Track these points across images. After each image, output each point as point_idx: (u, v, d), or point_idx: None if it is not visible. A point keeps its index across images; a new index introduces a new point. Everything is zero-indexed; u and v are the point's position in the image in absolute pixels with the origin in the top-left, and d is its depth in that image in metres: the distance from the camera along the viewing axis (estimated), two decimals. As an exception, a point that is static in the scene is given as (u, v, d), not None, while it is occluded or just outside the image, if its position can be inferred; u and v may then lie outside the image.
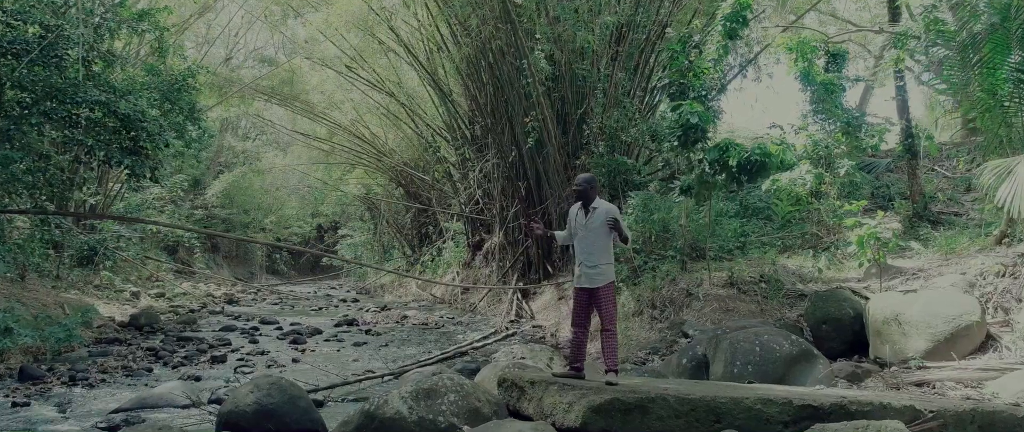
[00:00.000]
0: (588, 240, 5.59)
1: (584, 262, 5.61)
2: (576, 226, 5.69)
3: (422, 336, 12.37)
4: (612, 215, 5.58)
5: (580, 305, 5.71)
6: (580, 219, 5.68)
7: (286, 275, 34.75)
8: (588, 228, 5.61)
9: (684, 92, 9.40)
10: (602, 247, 5.58)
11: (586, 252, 5.60)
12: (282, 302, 19.43)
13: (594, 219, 5.60)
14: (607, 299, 5.56)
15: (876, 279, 8.69)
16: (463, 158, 19.14)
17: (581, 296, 5.69)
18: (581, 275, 5.67)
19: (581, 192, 5.72)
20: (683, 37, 9.93)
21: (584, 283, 5.64)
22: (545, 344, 11.52)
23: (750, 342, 6.23)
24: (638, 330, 9.09)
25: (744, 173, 8.40)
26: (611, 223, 5.51)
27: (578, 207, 5.75)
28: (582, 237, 5.63)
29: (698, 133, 8.70)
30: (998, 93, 7.92)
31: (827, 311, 7.80)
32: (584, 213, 5.67)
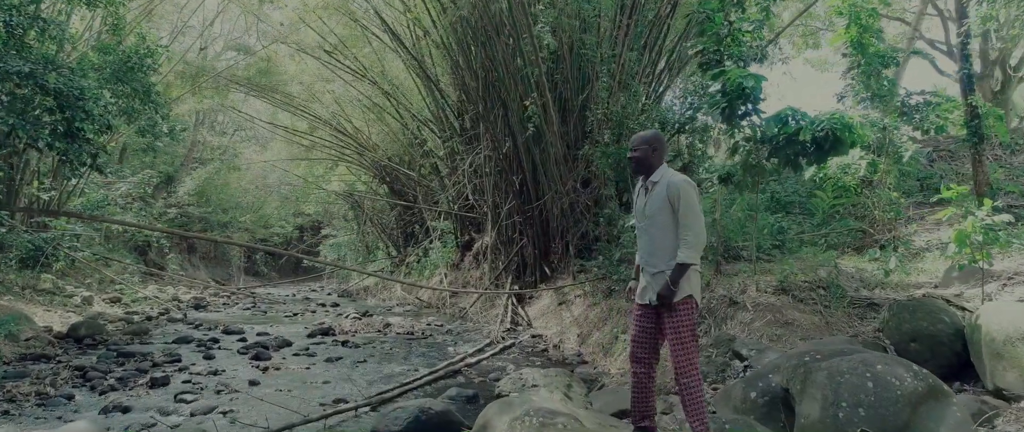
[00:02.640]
0: (649, 232, 3.75)
1: (646, 265, 3.77)
2: (635, 214, 3.89)
3: (407, 348, 10.49)
4: (676, 191, 3.71)
5: (641, 330, 3.86)
6: (638, 203, 3.86)
7: (266, 276, 32.64)
8: (647, 215, 3.76)
9: (719, 62, 7.62)
10: (668, 244, 3.72)
11: (648, 250, 3.76)
12: (255, 306, 17.43)
13: (653, 199, 3.75)
14: (682, 324, 3.70)
15: (960, 285, 6.95)
16: (451, 151, 17.26)
17: (642, 316, 3.83)
18: (643, 285, 3.80)
19: (638, 160, 3.83)
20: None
21: (648, 296, 3.77)
22: (547, 357, 9.73)
23: (858, 374, 4.41)
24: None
25: (817, 151, 6.61)
26: (677, 206, 3.66)
27: (639, 184, 3.89)
28: (643, 227, 3.78)
29: (750, 103, 6.90)
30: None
31: (917, 326, 6.02)
32: (644, 191, 3.82)
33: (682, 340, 3.69)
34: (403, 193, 22.36)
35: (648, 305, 3.84)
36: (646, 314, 3.89)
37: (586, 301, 11.69)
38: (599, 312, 10.71)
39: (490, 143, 14.65)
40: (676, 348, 3.71)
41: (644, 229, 3.84)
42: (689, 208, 3.68)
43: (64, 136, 9.26)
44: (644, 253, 3.84)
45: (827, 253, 8.04)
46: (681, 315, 3.72)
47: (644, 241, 3.83)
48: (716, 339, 6.80)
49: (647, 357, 3.95)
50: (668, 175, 3.84)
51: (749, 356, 6.14)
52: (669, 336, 3.75)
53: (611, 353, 8.93)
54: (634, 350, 3.99)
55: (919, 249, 7.98)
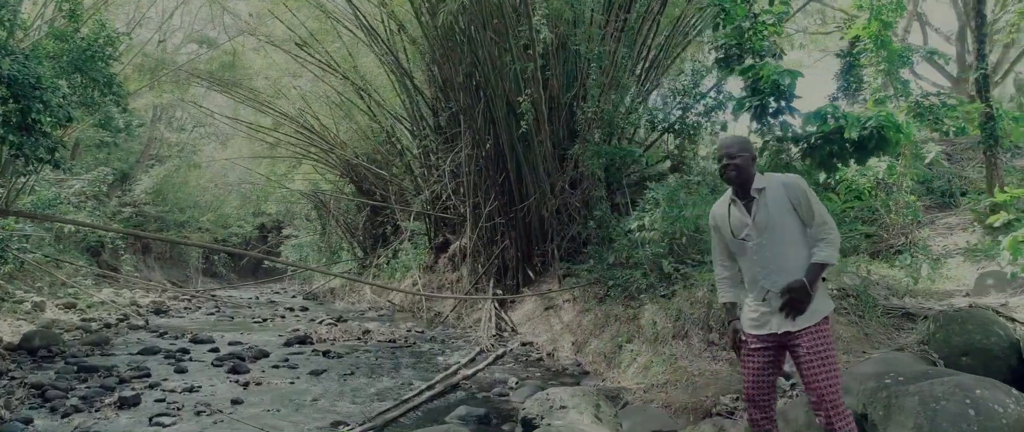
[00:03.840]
0: (770, 248, 3.14)
1: (773, 286, 3.15)
2: (735, 233, 3.24)
3: (394, 358, 9.75)
4: (798, 190, 3.16)
5: (761, 368, 3.25)
6: (739, 218, 3.23)
7: (225, 278, 31.27)
8: (762, 228, 3.15)
9: (740, 57, 7.12)
10: (797, 253, 3.13)
11: (772, 268, 3.15)
12: (220, 311, 16.39)
13: (770, 208, 3.15)
14: (825, 347, 3.11)
15: (997, 294, 6.57)
16: (427, 150, 16.50)
17: (762, 351, 3.24)
18: (760, 313, 3.20)
19: (740, 169, 3.20)
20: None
21: (771, 325, 3.17)
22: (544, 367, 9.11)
23: (956, 401, 3.89)
24: (693, 360, 6.72)
25: (859, 150, 6.14)
26: (802, 203, 3.12)
27: (727, 203, 3.31)
28: (757, 245, 3.18)
29: (785, 100, 6.40)
30: None
31: (969, 339, 5.57)
32: (745, 209, 3.22)
33: (827, 366, 3.10)
34: (372, 192, 21.49)
35: (767, 336, 3.24)
36: (766, 348, 3.29)
37: (576, 306, 11.10)
38: (594, 318, 10.13)
39: (471, 142, 13.96)
40: (821, 377, 3.10)
41: (760, 247, 3.20)
42: (818, 203, 3.15)
43: (18, 128, 8.28)
44: (764, 274, 3.20)
45: (848, 259, 7.59)
46: (823, 336, 3.15)
47: (760, 260, 3.21)
48: (750, 352, 6.27)
49: (768, 400, 3.35)
50: (773, 178, 3.28)
51: (792, 373, 5.62)
52: (809, 363, 3.14)
53: (615, 363, 8.36)
54: (753, 394, 3.35)
55: (939, 255, 7.61)
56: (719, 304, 3.53)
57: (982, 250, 7.45)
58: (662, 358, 7.03)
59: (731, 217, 3.30)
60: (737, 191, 3.29)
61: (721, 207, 3.40)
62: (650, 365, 7.12)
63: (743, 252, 3.29)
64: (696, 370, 6.37)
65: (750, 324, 3.32)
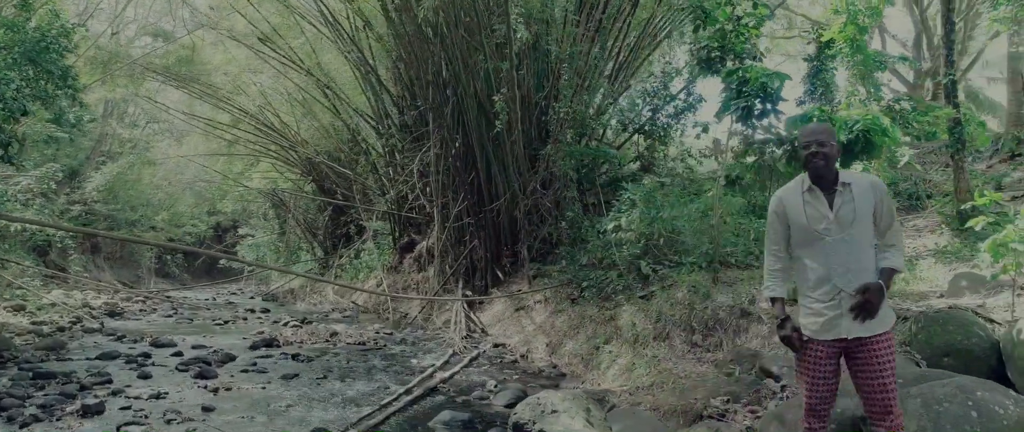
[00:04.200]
0: (849, 246, 3.01)
1: (848, 286, 3.01)
2: (812, 224, 3.09)
3: (366, 361, 9.52)
4: (884, 192, 3.06)
5: (827, 376, 3.11)
6: (817, 210, 3.08)
7: (179, 279, 30.36)
8: (845, 223, 3.02)
9: (722, 59, 7.11)
10: (869, 255, 3.03)
11: (848, 266, 3.01)
12: (177, 313, 15.85)
13: (854, 206, 3.02)
14: (890, 358, 3.02)
15: (971, 295, 6.69)
16: (392, 149, 16.22)
17: (828, 358, 3.10)
18: (835, 317, 3.04)
19: (829, 158, 3.06)
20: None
21: (841, 329, 3.03)
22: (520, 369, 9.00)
23: (958, 403, 3.91)
24: (678, 361, 6.69)
25: (845, 154, 6.17)
26: (886, 212, 3.04)
27: (804, 190, 3.14)
28: (834, 242, 3.03)
29: (771, 102, 6.41)
30: None
31: (951, 340, 5.64)
32: (825, 201, 3.06)
33: (889, 379, 3.04)
34: (333, 191, 21.08)
35: (834, 341, 3.10)
36: (830, 354, 3.15)
37: (548, 307, 11.02)
38: (567, 319, 10.07)
39: (440, 141, 13.76)
40: (890, 386, 3.03)
41: (840, 243, 3.04)
42: (893, 210, 3.09)
43: (-32, 122, 7.83)
44: (839, 272, 3.04)
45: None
46: (891, 345, 3.08)
47: (838, 257, 3.04)
48: (736, 354, 6.27)
49: (829, 409, 3.24)
50: (857, 175, 3.18)
51: (781, 373, 5.62)
52: (881, 371, 3.05)
53: (594, 365, 8.29)
54: (815, 403, 3.21)
55: (911, 256, 7.74)
56: (765, 298, 3.39)
57: (952, 252, 7.59)
58: (644, 360, 6.99)
59: (807, 207, 3.12)
60: (816, 181, 3.12)
61: (792, 195, 3.21)
62: (632, 367, 7.07)
63: (813, 246, 3.10)
64: (681, 372, 6.34)
65: (814, 327, 3.13)
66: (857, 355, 3.08)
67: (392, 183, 16.43)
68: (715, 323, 6.83)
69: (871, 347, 3.04)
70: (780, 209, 3.24)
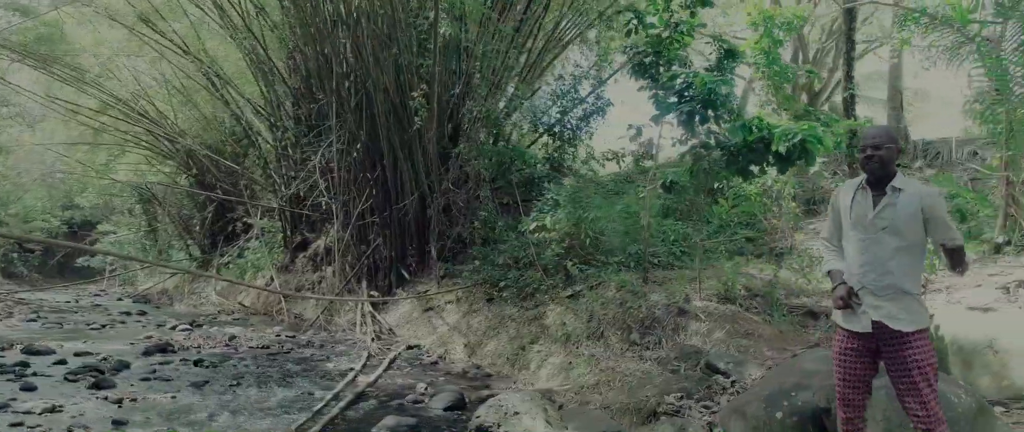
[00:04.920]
0: (882, 246, 3.14)
1: (873, 283, 3.14)
2: (856, 221, 3.22)
3: (278, 366, 8.98)
4: (936, 202, 3.15)
5: (855, 366, 3.22)
6: (862, 208, 3.21)
7: (27, 279, 27.43)
8: (879, 226, 3.15)
9: (656, 65, 7.27)
10: (910, 261, 3.15)
11: (876, 266, 3.14)
12: (40, 317, 14.28)
13: (895, 211, 3.14)
14: (929, 358, 3.11)
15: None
16: (290, 143, 15.45)
17: (859, 349, 3.21)
18: (864, 309, 3.16)
19: (885, 161, 3.18)
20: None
21: (872, 322, 3.14)
22: (444, 371, 8.81)
23: (920, 394, 4.17)
24: (618, 360, 6.76)
25: (781, 161, 6.46)
26: (935, 219, 3.12)
27: (858, 188, 3.26)
28: (869, 240, 3.16)
29: (714, 109, 6.61)
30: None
31: (875, 334, 6.08)
32: (870, 201, 3.20)
33: (920, 379, 3.12)
34: (213, 186, 19.80)
35: (863, 334, 3.22)
36: (861, 347, 3.27)
37: (461, 308, 10.90)
38: (485, 320, 9.99)
39: (345, 136, 13.24)
40: (914, 388, 3.12)
41: (871, 242, 3.19)
42: (947, 218, 3.19)
43: None
44: (866, 269, 3.20)
45: (736, 260, 8.05)
46: (922, 348, 3.15)
47: (867, 255, 3.20)
48: (680, 351, 6.42)
49: (862, 400, 3.35)
50: (915, 184, 3.27)
51: (727, 369, 5.81)
52: (901, 373, 3.16)
53: (521, 365, 8.25)
54: (847, 393, 3.33)
55: (819, 257, 8.27)
56: (825, 270, 3.47)
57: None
58: (583, 359, 7.02)
59: (855, 204, 3.27)
60: (870, 181, 3.26)
61: (847, 190, 3.38)
62: (570, 366, 7.09)
63: (851, 240, 3.26)
64: (625, 370, 6.41)
65: (843, 317, 3.29)
66: (890, 351, 3.19)
67: (286, 179, 15.65)
68: (652, 321, 6.98)
69: (900, 346, 3.15)
70: (836, 201, 3.43)
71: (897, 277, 3.15)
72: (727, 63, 9.97)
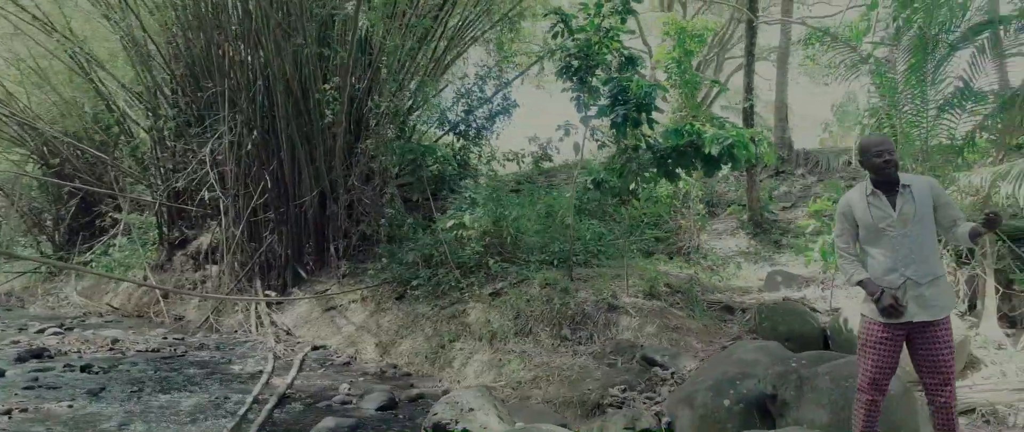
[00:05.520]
0: (911, 240, 3.44)
1: (914, 274, 3.43)
2: (877, 224, 3.52)
3: (176, 370, 8.39)
4: (936, 186, 3.53)
5: (891, 355, 3.51)
6: (881, 210, 3.50)
7: None
8: (908, 220, 3.45)
9: (589, 68, 7.46)
10: (934, 246, 3.49)
11: (914, 257, 3.43)
12: None
13: (917, 202, 3.46)
14: (946, 340, 3.47)
15: (785, 289, 7.82)
16: (163, 134, 14.42)
17: (891, 339, 3.49)
18: (905, 300, 3.44)
19: (895, 165, 3.53)
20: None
21: (914, 313, 3.43)
22: (358, 371, 8.60)
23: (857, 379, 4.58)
24: (551, 356, 6.88)
25: (708, 164, 6.80)
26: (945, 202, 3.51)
27: (868, 193, 3.56)
28: (901, 235, 3.46)
29: (647, 112, 6.85)
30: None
31: (791, 327, 6.60)
32: (888, 202, 3.50)
33: (948, 356, 3.49)
34: (73, 177, 18.10)
35: (903, 324, 3.49)
36: (896, 336, 3.53)
37: (368, 307, 10.67)
38: (396, 319, 9.83)
39: (237, 129, 12.56)
40: (951, 362, 3.50)
41: (904, 236, 3.47)
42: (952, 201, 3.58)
43: None
44: (905, 262, 3.46)
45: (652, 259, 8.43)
46: (949, 329, 3.52)
47: (903, 250, 3.47)
48: (616, 345, 6.63)
49: (889, 382, 3.64)
50: (913, 177, 3.62)
51: (664, 361, 6.09)
52: (945, 349, 3.49)
53: (443, 363, 8.19)
54: (879, 378, 3.60)
55: (728, 255, 8.83)
56: (852, 283, 3.66)
57: (755, 253, 8.79)
58: (515, 356, 7.09)
59: (871, 208, 3.53)
60: (880, 184, 3.53)
61: (857, 198, 3.62)
62: (501, 363, 7.13)
63: (880, 241, 3.51)
64: (561, 365, 6.55)
65: (886, 308, 3.50)
66: (923, 335, 3.50)
67: (164, 171, 14.63)
68: (583, 318, 7.16)
69: (934, 329, 3.48)
70: (847, 211, 3.64)
71: (932, 263, 3.50)
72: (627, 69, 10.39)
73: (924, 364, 3.58)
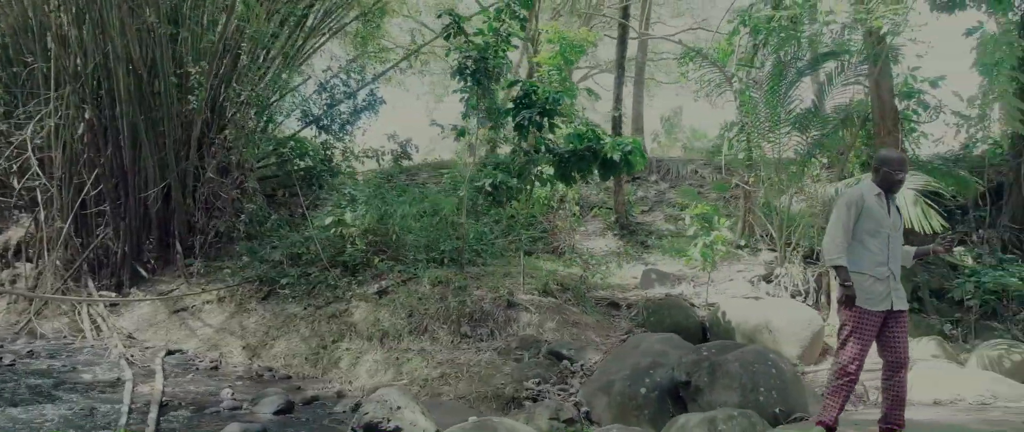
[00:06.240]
0: (896, 243, 4.10)
1: (895, 270, 4.08)
2: (881, 222, 4.10)
3: (15, 381, 7.42)
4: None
5: (872, 336, 4.04)
6: (883, 213, 4.10)
7: None
8: (896, 227, 4.13)
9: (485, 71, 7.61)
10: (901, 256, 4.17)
11: (894, 257, 4.08)
12: None
13: (899, 213, 4.19)
14: (906, 327, 4.15)
15: (659, 286, 8.47)
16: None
17: (875, 324, 4.04)
18: (887, 293, 4.03)
19: (903, 182, 4.27)
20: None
21: (896, 302, 4.04)
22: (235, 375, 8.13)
23: (764, 364, 5.16)
24: (454, 353, 6.95)
25: (605, 169, 7.17)
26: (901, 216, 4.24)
27: (875, 194, 4.11)
28: (892, 237, 4.09)
29: (549, 117, 7.09)
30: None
31: (675, 320, 7.21)
32: (885, 205, 4.10)
33: (907, 339, 4.09)
34: None
35: (881, 312, 4.02)
36: (878, 322, 4.04)
37: (226, 308, 10.08)
38: (263, 320, 9.40)
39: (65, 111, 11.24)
40: (907, 346, 4.09)
41: (893, 238, 4.08)
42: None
43: None
44: (892, 259, 4.04)
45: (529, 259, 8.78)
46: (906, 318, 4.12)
47: (891, 249, 4.05)
48: (521, 341, 6.84)
49: (862, 362, 4.07)
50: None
51: (571, 355, 6.40)
52: (903, 335, 4.07)
53: (328, 364, 7.96)
54: (863, 357, 4.05)
55: (597, 256, 9.37)
56: (832, 265, 4.10)
57: (626, 253, 9.44)
58: (414, 354, 7.07)
59: (879, 207, 4.08)
60: (885, 191, 4.11)
61: (870, 194, 4.11)
62: (399, 362, 7.08)
63: (879, 236, 4.05)
64: (467, 362, 6.65)
65: (873, 299, 3.99)
66: (895, 322, 4.02)
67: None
68: (482, 315, 7.30)
69: (902, 317, 4.04)
70: (859, 202, 4.09)
71: (899, 267, 4.10)
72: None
73: (891, 346, 4.11)
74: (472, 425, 4.48)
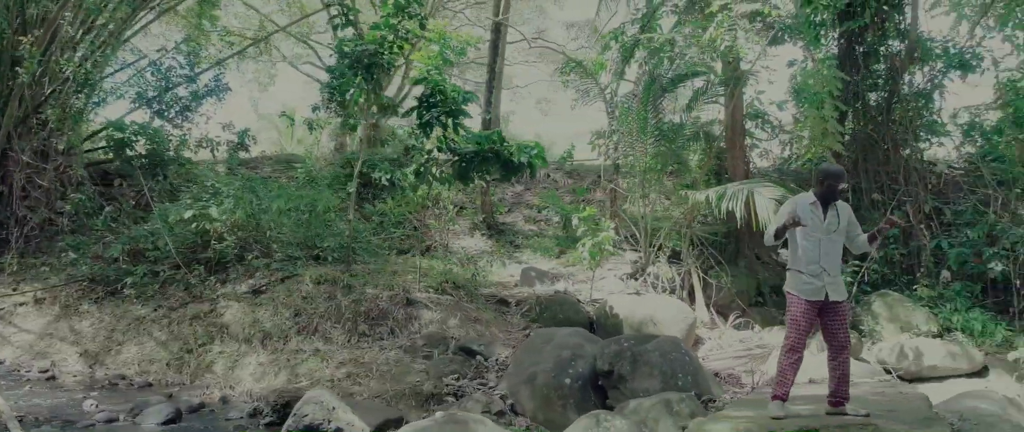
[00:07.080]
0: (830, 244, 4.63)
1: (830, 268, 4.59)
2: (814, 227, 4.62)
3: None
4: (850, 211, 4.76)
5: (810, 323, 4.59)
6: (817, 217, 4.63)
7: None
8: (830, 230, 4.64)
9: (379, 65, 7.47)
10: (840, 253, 4.72)
11: (832, 257, 4.62)
12: None
13: (840, 220, 4.67)
14: (846, 315, 4.68)
15: (539, 284, 8.84)
16: None
17: (810, 312, 4.58)
18: (821, 286, 4.57)
19: (844, 193, 4.82)
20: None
21: (831, 294, 4.56)
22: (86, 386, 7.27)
23: (679, 353, 5.66)
24: (354, 352, 6.74)
25: (506, 170, 7.27)
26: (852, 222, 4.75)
27: (810, 203, 4.63)
28: (826, 240, 4.62)
29: (454, 118, 7.07)
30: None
31: (568, 315, 7.60)
32: (822, 213, 4.62)
33: (847, 326, 4.60)
34: None
35: (819, 302, 4.53)
36: (813, 310, 4.54)
37: (49, 311, 8.92)
38: (102, 323, 8.47)
39: None
40: (846, 333, 4.58)
41: (828, 241, 4.60)
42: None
43: None
44: (826, 260, 4.56)
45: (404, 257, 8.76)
46: (847, 309, 4.62)
47: (825, 249, 4.57)
48: (427, 338, 6.81)
49: (804, 347, 4.57)
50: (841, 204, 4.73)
51: (482, 350, 6.53)
52: (844, 324, 4.57)
53: (199, 368, 7.35)
54: (801, 342, 4.52)
55: (472, 255, 9.52)
56: (771, 244, 4.75)
57: (503, 253, 9.73)
58: (307, 355, 6.78)
59: (812, 215, 4.59)
60: (822, 200, 4.61)
61: (804, 203, 4.68)
62: (291, 365, 6.74)
63: (810, 238, 4.57)
64: (373, 361, 6.51)
65: (807, 291, 4.51)
66: (833, 312, 4.51)
67: None
68: (379, 313, 7.16)
69: (840, 307, 4.54)
70: (793, 210, 4.58)
71: (838, 263, 4.67)
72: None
73: (833, 332, 4.68)
74: (440, 420, 4.47)
